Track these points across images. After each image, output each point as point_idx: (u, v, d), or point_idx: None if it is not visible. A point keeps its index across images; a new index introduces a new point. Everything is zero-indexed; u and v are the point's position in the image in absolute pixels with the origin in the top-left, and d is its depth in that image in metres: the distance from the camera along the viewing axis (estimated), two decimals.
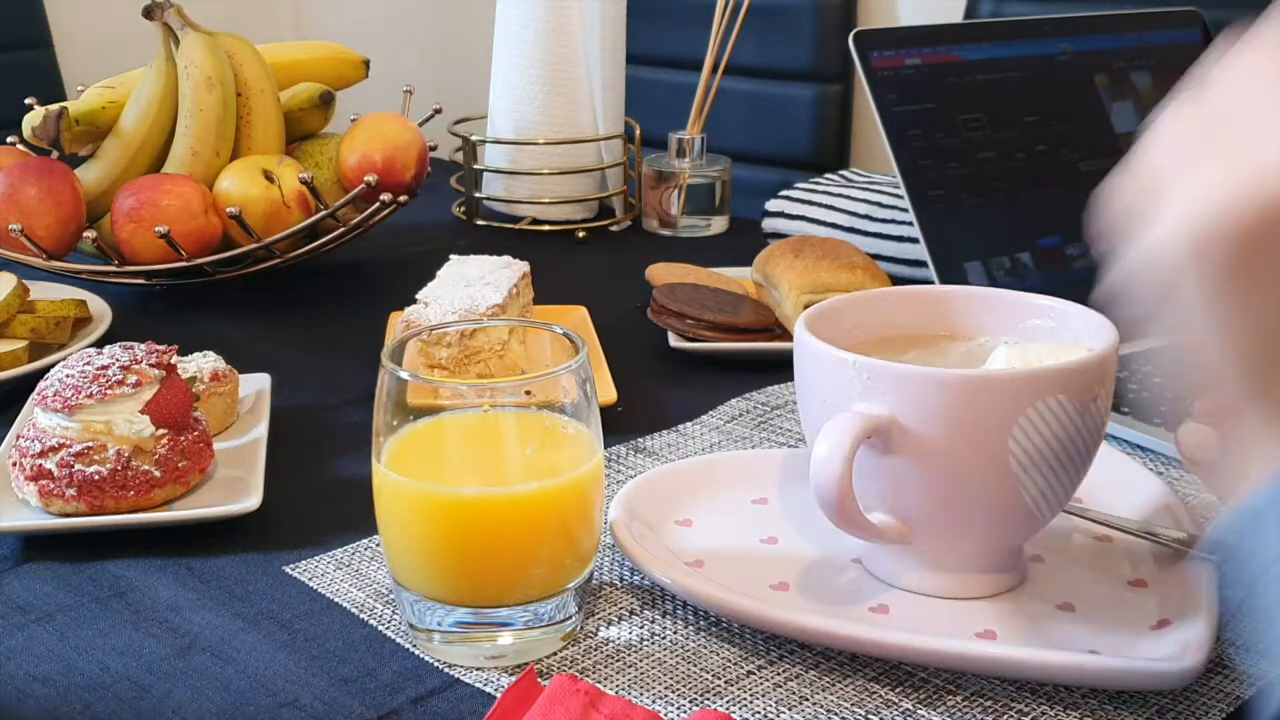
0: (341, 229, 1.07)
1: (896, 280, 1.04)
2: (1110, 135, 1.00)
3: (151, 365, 0.71)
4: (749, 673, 0.57)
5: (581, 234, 1.29)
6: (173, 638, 0.60)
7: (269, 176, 1.05)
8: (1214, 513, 0.67)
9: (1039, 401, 0.54)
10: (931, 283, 0.88)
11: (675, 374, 0.93)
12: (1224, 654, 0.57)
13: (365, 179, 1.03)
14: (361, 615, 0.61)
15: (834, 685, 0.56)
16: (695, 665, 0.57)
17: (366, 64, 1.23)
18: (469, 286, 0.88)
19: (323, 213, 1.03)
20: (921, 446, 0.55)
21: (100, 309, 1.00)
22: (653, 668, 0.57)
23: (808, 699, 0.55)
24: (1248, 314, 0.41)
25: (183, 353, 0.80)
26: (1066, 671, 0.54)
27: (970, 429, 0.55)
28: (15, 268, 1.01)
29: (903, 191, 0.90)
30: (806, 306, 0.93)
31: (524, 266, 0.93)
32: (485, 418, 0.58)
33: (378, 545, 0.68)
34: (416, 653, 0.59)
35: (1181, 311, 0.42)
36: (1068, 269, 0.93)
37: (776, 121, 1.64)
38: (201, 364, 0.80)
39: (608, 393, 0.83)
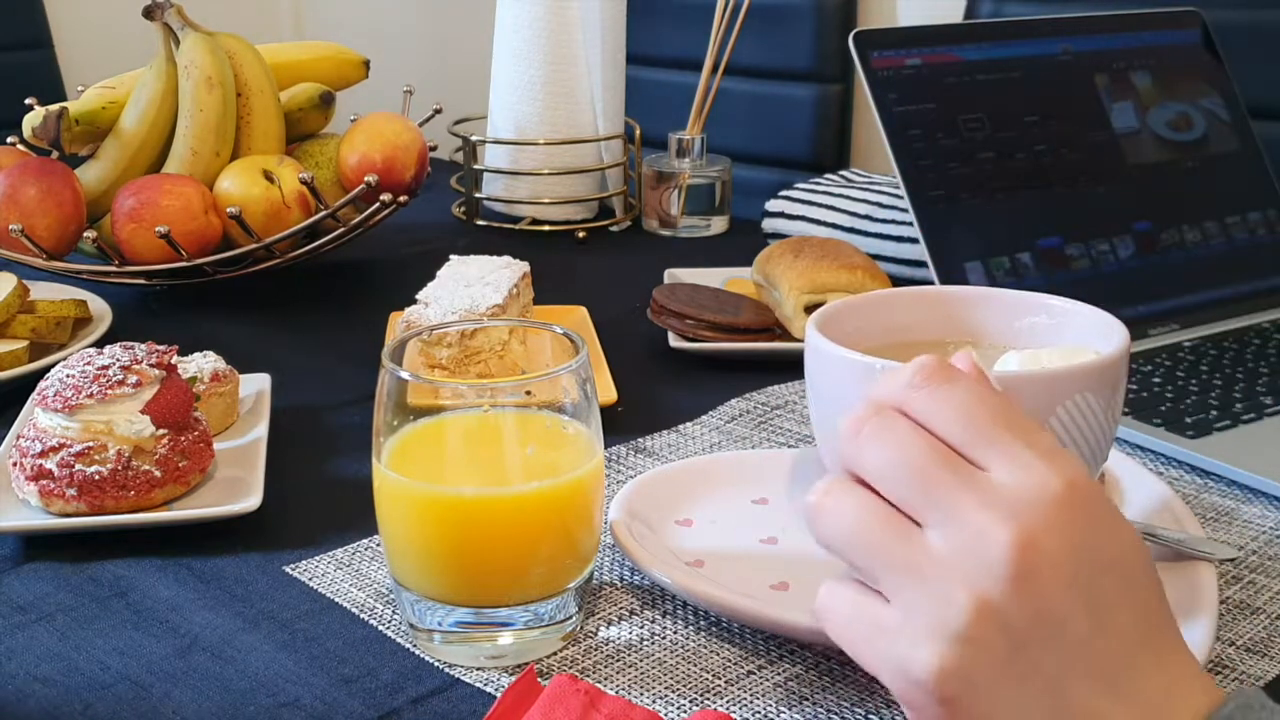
0: (341, 229, 1.07)
1: (896, 280, 1.04)
2: (1110, 135, 1.00)
3: (151, 365, 0.71)
4: (749, 673, 0.57)
5: (581, 234, 1.29)
6: (173, 638, 0.60)
7: (269, 176, 1.05)
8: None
9: (1068, 400, 0.54)
10: (931, 283, 0.88)
11: (675, 374, 0.93)
12: (1224, 654, 0.57)
13: (365, 179, 1.03)
14: (361, 615, 0.61)
15: (834, 685, 0.56)
16: (695, 665, 0.57)
17: (366, 64, 1.23)
18: (469, 286, 0.88)
19: (323, 213, 1.03)
20: None
21: (100, 309, 1.00)
22: (653, 668, 0.57)
23: (808, 699, 0.55)
24: None
25: (183, 353, 0.80)
26: None
27: None
28: (15, 268, 1.01)
29: (903, 191, 0.91)
30: (806, 307, 0.94)
31: (524, 266, 0.93)
32: (485, 418, 0.58)
33: (378, 545, 0.68)
34: (416, 653, 0.59)
35: None
36: (1068, 269, 0.93)
37: (776, 121, 1.64)
38: (201, 364, 0.80)
39: (608, 393, 0.83)
